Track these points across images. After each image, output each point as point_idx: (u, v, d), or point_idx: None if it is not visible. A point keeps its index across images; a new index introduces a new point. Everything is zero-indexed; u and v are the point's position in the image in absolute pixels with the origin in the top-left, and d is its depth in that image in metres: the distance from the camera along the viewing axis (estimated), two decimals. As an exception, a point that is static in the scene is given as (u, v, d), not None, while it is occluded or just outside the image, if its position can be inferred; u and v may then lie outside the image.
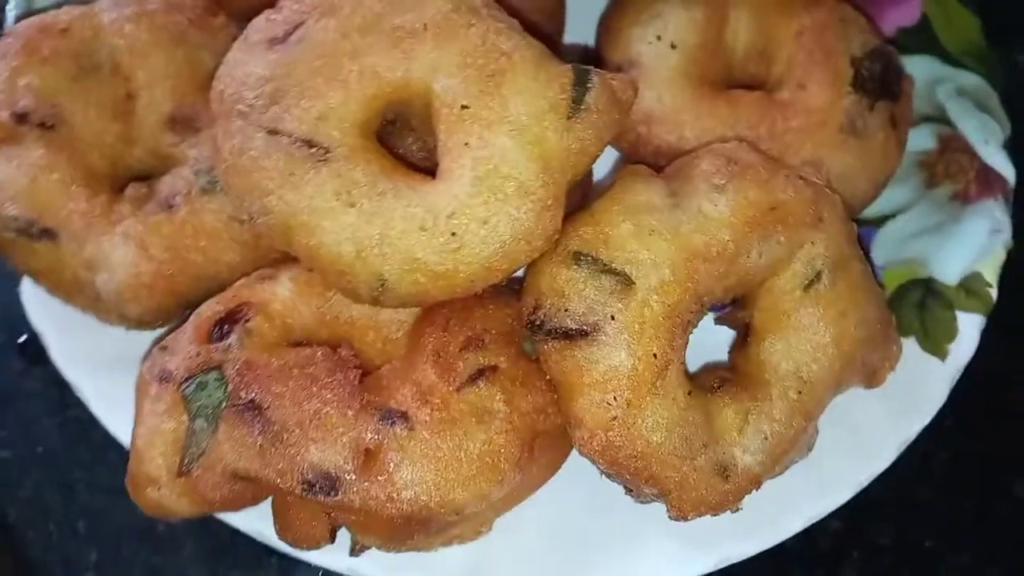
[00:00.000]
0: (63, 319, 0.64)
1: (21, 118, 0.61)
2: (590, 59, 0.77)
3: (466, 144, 0.55)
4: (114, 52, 0.65)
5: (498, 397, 0.57)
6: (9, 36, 0.65)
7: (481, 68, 0.55)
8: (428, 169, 0.62)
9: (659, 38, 0.70)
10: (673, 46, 0.69)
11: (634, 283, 0.56)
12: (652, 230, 0.57)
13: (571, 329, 0.56)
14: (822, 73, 0.68)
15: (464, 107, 0.55)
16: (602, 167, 0.71)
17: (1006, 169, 0.73)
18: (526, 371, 0.59)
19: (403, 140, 0.64)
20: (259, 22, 0.59)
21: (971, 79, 0.77)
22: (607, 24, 0.73)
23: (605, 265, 0.56)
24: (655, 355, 0.56)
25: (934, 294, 0.71)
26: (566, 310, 0.56)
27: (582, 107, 0.56)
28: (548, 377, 0.58)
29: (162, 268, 0.60)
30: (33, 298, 0.66)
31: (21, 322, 0.67)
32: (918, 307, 0.71)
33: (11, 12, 0.73)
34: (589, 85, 0.57)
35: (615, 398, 0.55)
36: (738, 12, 0.71)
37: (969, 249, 0.71)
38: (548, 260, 0.58)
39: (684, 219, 0.58)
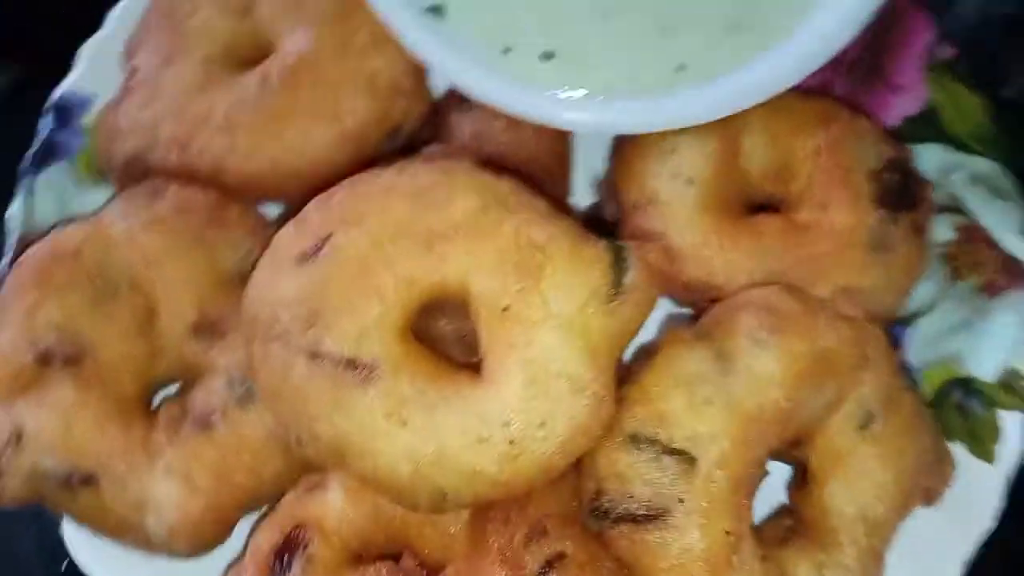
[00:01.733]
0: (108, 555, 0.63)
1: (45, 359, 0.60)
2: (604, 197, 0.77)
3: (511, 345, 0.54)
4: (129, 267, 0.64)
5: (571, 587, 0.57)
6: (20, 267, 0.63)
7: (517, 266, 0.55)
8: (465, 351, 0.62)
9: (675, 175, 0.69)
10: (691, 182, 0.69)
11: (696, 460, 0.55)
12: (706, 401, 0.56)
13: (639, 514, 0.56)
14: (843, 192, 0.68)
15: (506, 309, 0.54)
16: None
17: (1030, 257, 0.73)
18: (593, 552, 0.58)
19: (436, 322, 0.63)
20: (285, 236, 0.58)
21: (984, 164, 0.76)
22: (622, 160, 0.72)
23: (665, 446, 0.56)
24: (727, 532, 0.55)
25: (974, 393, 0.71)
26: (631, 496, 0.56)
27: (622, 289, 0.56)
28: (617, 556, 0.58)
29: (209, 500, 0.59)
30: (76, 537, 0.64)
31: (60, 549, 0.65)
32: (960, 409, 0.71)
33: (12, 232, 0.71)
34: (626, 265, 0.56)
35: (693, 585, 0.55)
36: (752, 137, 0.70)
37: (1002, 345, 0.71)
38: (605, 444, 0.57)
39: (735, 384, 0.57)
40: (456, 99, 0.74)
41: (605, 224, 0.77)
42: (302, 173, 0.69)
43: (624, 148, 0.73)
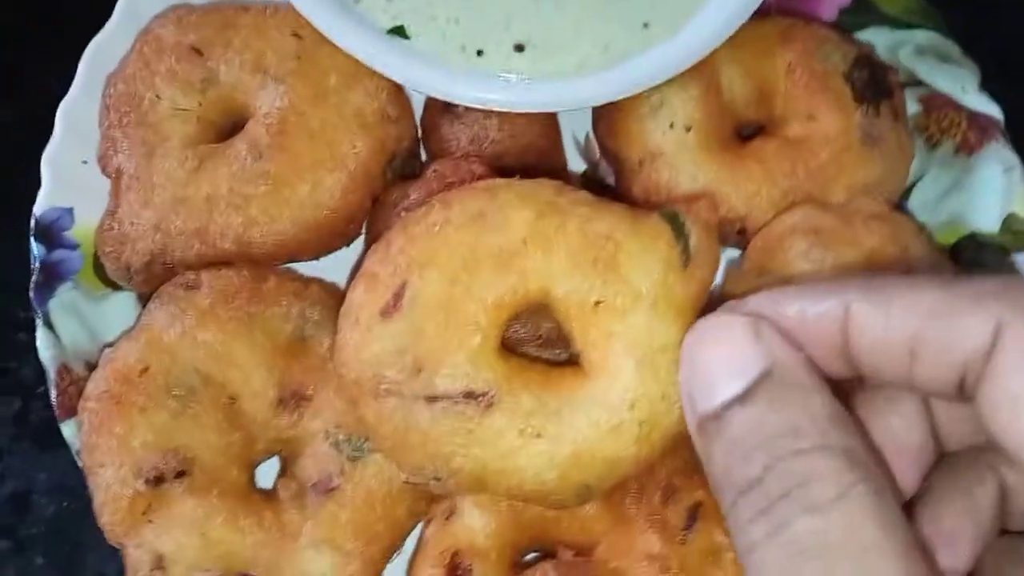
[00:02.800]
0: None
1: (158, 480, 0.60)
2: (596, 163, 0.79)
3: (611, 334, 0.56)
4: (198, 366, 0.63)
5: (716, 530, 0.61)
6: (90, 403, 0.62)
7: (594, 262, 0.57)
8: (541, 348, 0.64)
9: (672, 125, 0.72)
10: (687, 128, 0.72)
11: None
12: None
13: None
14: (825, 100, 0.72)
15: (598, 303, 0.57)
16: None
17: (992, 109, 0.78)
18: (721, 493, 0.63)
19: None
20: (357, 296, 0.58)
21: (924, 36, 0.82)
22: (612, 124, 0.75)
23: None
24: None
25: (985, 246, 0.77)
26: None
27: (690, 253, 0.59)
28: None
29: (363, 557, 0.60)
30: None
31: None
32: (976, 263, 0.77)
33: (48, 366, 0.69)
34: (686, 231, 0.59)
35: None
36: (726, 70, 0.74)
37: (993, 195, 0.77)
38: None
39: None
40: (440, 110, 0.74)
41: (606, 185, 0.80)
42: (321, 224, 0.69)
43: (609, 113, 0.75)
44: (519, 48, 0.70)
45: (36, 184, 0.75)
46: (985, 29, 0.88)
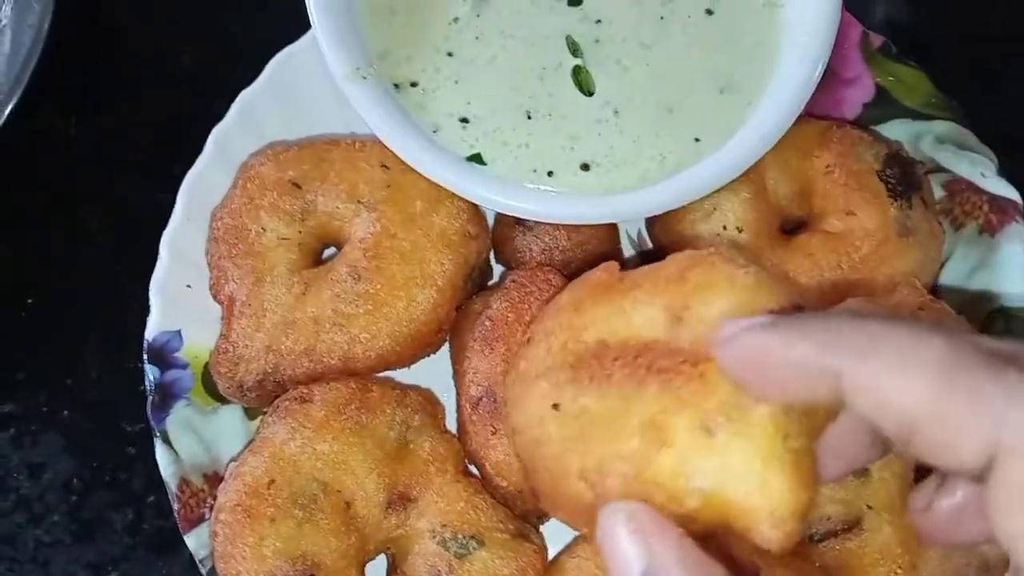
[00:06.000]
0: None
1: (295, 585, 0.66)
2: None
3: None
4: (317, 476, 0.70)
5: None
6: (221, 514, 0.69)
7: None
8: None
9: (725, 228, 0.79)
10: (739, 229, 0.79)
11: (868, 470, 0.66)
12: (853, 420, 0.67)
13: (838, 529, 0.66)
14: (862, 197, 0.80)
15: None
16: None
17: (1011, 193, 0.86)
18: (800, 567, 0.69)
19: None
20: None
21: (943, 126, 0.89)
22: (667, 228, 0.82)
23: (842, 468, 0.66)
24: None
25: (1013, 319, 0.84)
26: (829, 518, 0.66)
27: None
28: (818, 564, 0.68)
29: (479, 645, 0.66)
30: None
31: None
32: (1009, 334, 0.84)
33: (169, 482, 0.76)
34: None
35: (899, 568, 0.65)
36: (771, 171, 0.81)
37: (1018, 271, 0.84)
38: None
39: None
40: (511, 224, 0.82)
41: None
42: (415, 336, 0.76)
43: (664, 216, 0.82)
44: (585, 167, 0.78)
45: (133, 303, 0.83)
46: (990, 102, 0.95)
